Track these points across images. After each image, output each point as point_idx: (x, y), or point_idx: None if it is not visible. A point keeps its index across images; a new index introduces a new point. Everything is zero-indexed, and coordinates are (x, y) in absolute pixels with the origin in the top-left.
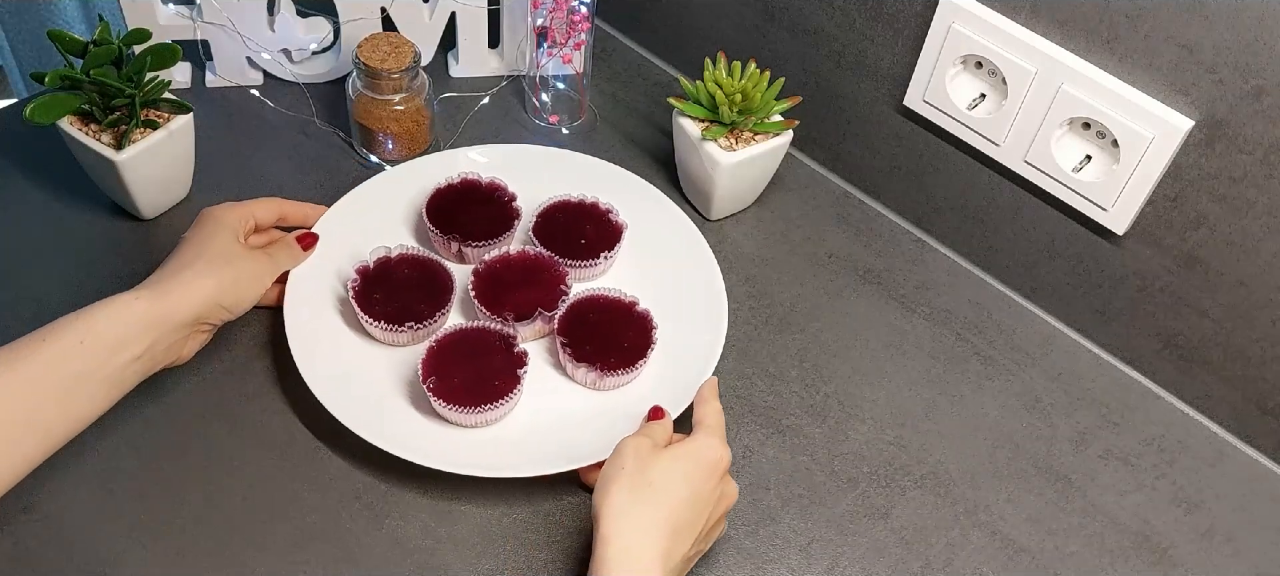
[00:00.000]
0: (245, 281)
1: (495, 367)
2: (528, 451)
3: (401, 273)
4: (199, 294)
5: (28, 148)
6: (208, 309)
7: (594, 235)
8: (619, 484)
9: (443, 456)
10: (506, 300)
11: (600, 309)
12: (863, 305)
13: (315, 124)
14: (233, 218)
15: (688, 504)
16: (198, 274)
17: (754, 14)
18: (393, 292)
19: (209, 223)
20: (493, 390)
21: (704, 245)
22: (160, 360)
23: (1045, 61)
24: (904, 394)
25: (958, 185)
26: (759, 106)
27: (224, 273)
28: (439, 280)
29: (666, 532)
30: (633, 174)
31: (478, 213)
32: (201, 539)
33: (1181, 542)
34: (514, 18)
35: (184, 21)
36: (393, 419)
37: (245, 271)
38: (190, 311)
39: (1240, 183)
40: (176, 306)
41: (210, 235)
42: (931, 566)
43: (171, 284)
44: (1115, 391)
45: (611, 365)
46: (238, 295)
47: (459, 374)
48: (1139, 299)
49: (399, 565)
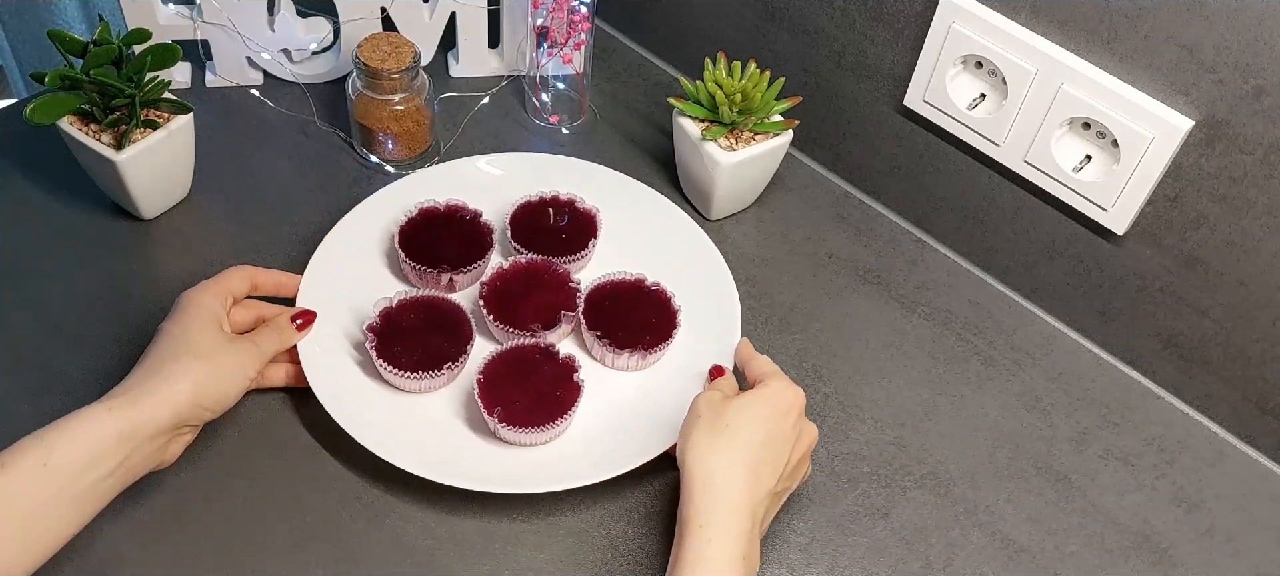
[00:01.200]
0: (227, 376)
1: (550, 380)
2: (592, 456)
3: (410, 319)
4: (175, 397)
5: (28, 148)
6: (187, 411)
7: (571, 227)
8: (698, 430)
9: (507, 480)
10: (522, 312)
11: (615, 294)
12: (863, 305)
13: (315, 124)
14: (210, 299)
15: (765, 443)
16: (173, 375)
17: (754, 14)
18: (412, 341)
19: (186, 311)
20: (557, 402)
21: (709, 243)
22: (139, 470)
23: (1045, 61)
24: (904, 394)
25: (958, 185)
26: (759, 106)
27: (202, 370)
28: (450, 315)
29: (747, 469)
30: (633, 178)
31: (450, 238)
32: (202, 539)
33: (1181, 542)
34: (514, 18)
35: (184, 21)
36: (411, 432)
37: (226, 365)
38: (167, 418)
39: (1240, 183)
40: (151, 415)
41: (187, 327)
42: (931, 566)
43: (145, 388)
44: (1115, 391)
45: (649, 342)
46: (220, 392)
47: (518, 397)
48: (1139, 299)
49: (399, 565)
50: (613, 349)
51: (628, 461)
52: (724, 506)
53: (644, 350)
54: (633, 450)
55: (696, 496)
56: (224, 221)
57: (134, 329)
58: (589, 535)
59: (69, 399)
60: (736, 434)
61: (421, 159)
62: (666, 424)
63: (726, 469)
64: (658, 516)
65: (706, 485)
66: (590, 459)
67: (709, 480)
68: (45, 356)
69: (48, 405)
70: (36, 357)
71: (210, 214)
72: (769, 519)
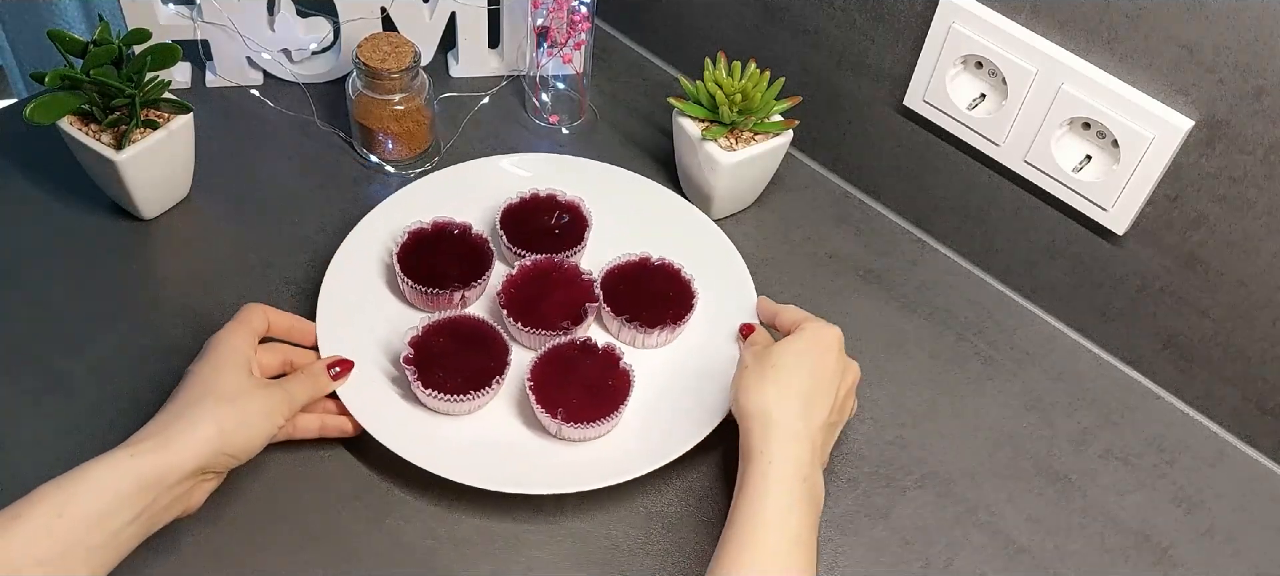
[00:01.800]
0: (254, 421)
1: (598, 372)
2: (550, 469)
3: (439, 343)
4: (200, 442)
5: (28, 148)
6: (210, 457)
7: (560, 220)
8: (747, 376)
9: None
10: (546, 313)
11: (627, 276)
12: (863, 305)
13: (315, 124)
14: (239, 341)
15: (812, 376)
16: (197, 419)
17: (754, 14)
18: (451, 365)
19: (215, 353)
20: (611, 392)
21: (721, 235)
22: (162, 518)
23: (1045, 61)
24: (904, 394)
25: (958, 185)
26: (759, 106)
27: (229, 414)
28: (480, 331)
29: (801, 400)
30: (637, 174)
31: (450, 254)
32: (202, 539)
33: (1181, 542)
34: (514, 18)
35: (184, 21)
36: (415, 426)
37: (254, 409)
38: (190, 463)
39: (1240, 183)
40: (174, 461)
41: (217, 368)
42: (931, 566)
43: (169, 433)
44: (1115, 391)
45: (673, 316)
46: (246, 438)
47: (573, 396)
48: (1139, 299)
49: (399, 565)
50: (643, 329)
51: (650, 461)
52: (781, 433)
53: (672, 324)
54: (653, 449)
55: (755, 430)
56: (224, 221)
57: (134, 329)
58: (590, 535)
59: (69, 399)
60: (787, 371)
61: (421, 159)
62: (679, 426)
63: (779, 400)
64: (658, 518)
65: (764, 419)
66: (614, 458)
67: (766, 414)
68: (45, 356)
69: (48, 405)
70: (36, 357)
71: (210, 214)
72: (827, 450)
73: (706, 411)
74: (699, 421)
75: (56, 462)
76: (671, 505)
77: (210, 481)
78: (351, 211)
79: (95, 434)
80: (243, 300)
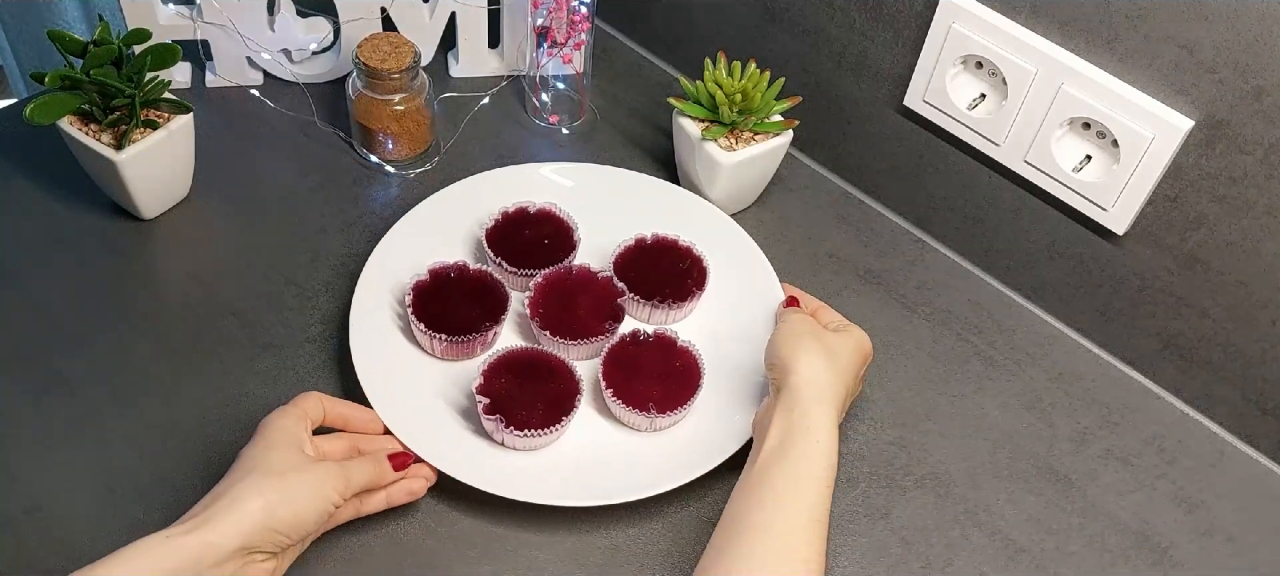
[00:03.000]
0: (303, 497)
1: (661, 360)
2: (562, 480)
3: (501, 384)
4: (243, 518)
5: (28, 148)
6: (256, 534)
7: (547, 231)
8: (808, 345)
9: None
10: (582, 321)
11: (632, 263)
12: (863, 305)
13: (315, 124)
14: (291, 422)
15: (851, 370)
16: (241, 495)
17: (754, 14)
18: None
19: (265, 433)
20: (684, 373)
21: (734, 226)
22: None
23: (1045, 61)
24: (904, 394)
25: (958, 185)
26: (759, 106)
27: (274, 487)
28: (538, 361)
29: (844, 393)
30: (654, 177)
31: (462, 296)
32: None
33: (1181, 542)
34: (514, 18)
35: (184, 21)
36: (431, 428)
37: (303, 485)
38: (232, 540)
39: (1240, 183)
40: (214, 538)
41: (266, 448)
42: (931, 566)
43: (211, 512)
44: (1115, 391)
45: (695, 282)
46: (293, 513)
47: (650, 389)
48: (1139, 299)
49: (399, 565)
50: (674, 305)
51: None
52: (830, 416)
53: (697, 292)
54: (662, 471)
55: (804, 396)
56: (224, 221)
57: (134, 329)
58: (589, 536)
59: (69, 399)
60: (842, 361)
61: (421, 159)
62: (677, 457)
63: (832, 382)
64: (658, 518)
65: (818, 394)
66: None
67: (821, 390)
68: (45, 356)
69: (48, 405)
70: (36, 358)
71: (210, 214)
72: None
73: (725, 435)
74: (718, 445)
75: (56, 463)
76: (672, 507)
77: (263, 564)
78: (351, 212)
79: (95, 433)
80: (243, 300)
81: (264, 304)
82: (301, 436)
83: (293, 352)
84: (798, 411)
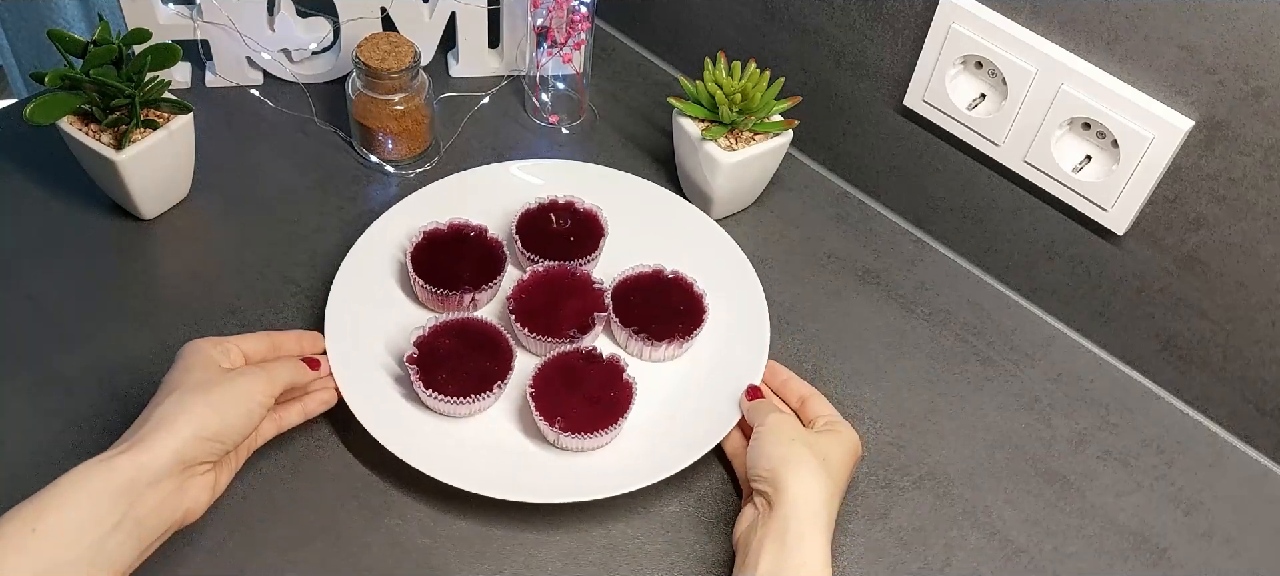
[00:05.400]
0: (229, 403)
1: (600, 383)
2: (552, 476)
3: (446, 344)
4: (172, 433)
5: (28, 148)
6: (189, 447)
7: (576, 228)
8: (800, 457)
9: (472, 476)
10: (555, 320)
11: (639, 288)
12: (862, 305)
13: (315, 124)
14: (207, 346)
15: (845, 478)
16: (167, 414)
17: (754, 14)
18: (455, 365)
19: (182, 358)
20: (613, 404)
21: (726, 238)
22: (152, 526)
23: (1045, 61)
24: (903, 394)
25: (957, 185)
26: (759, 106)
27: (198, 401)
28: (487, 335)
29: (837, 499)
30: (640, 177)
31: (463, 257)
32: (200, 537)
33: (1180, 543)
34: (514, 18)
35: (184, 21)
36: (416, 428)
37: (228, 392)
38: (165, 456)
39: (1240, 184)
40: (147, 457)
41: (186, 368)
42: (930, 567)
43: (142, 432)
44: (1115, 392)
45: (682, 330)
46: (222, 421)
47: (574, 405)
48: (1138, 299)
49: (397, 564)
50: (650, 342)
51: (655, 472)
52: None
53: (681, 338)
54: (662, 459)
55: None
56: (224, 221)
57: (134, 329)
58: (588, 536)
59: (68, 398)
60: (836, 471)
61: (421, 159)
62: (687, 439)
63: (828, 503)
64: (657, 518)
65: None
66: (621, 466)
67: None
68: (45, 356)
69: (48, 405)
70: (36, 358)
71: (210, 214)
72: None
73: (711, 425)
74: (703, 435)
75: (56, 462)
76: (670, 506)
77: (202, 475)
78: (351, 211)
79: (94, 433)
80: (243, 299)
81: (263, 303)
82: (217, 357)
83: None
84: (791, 539)
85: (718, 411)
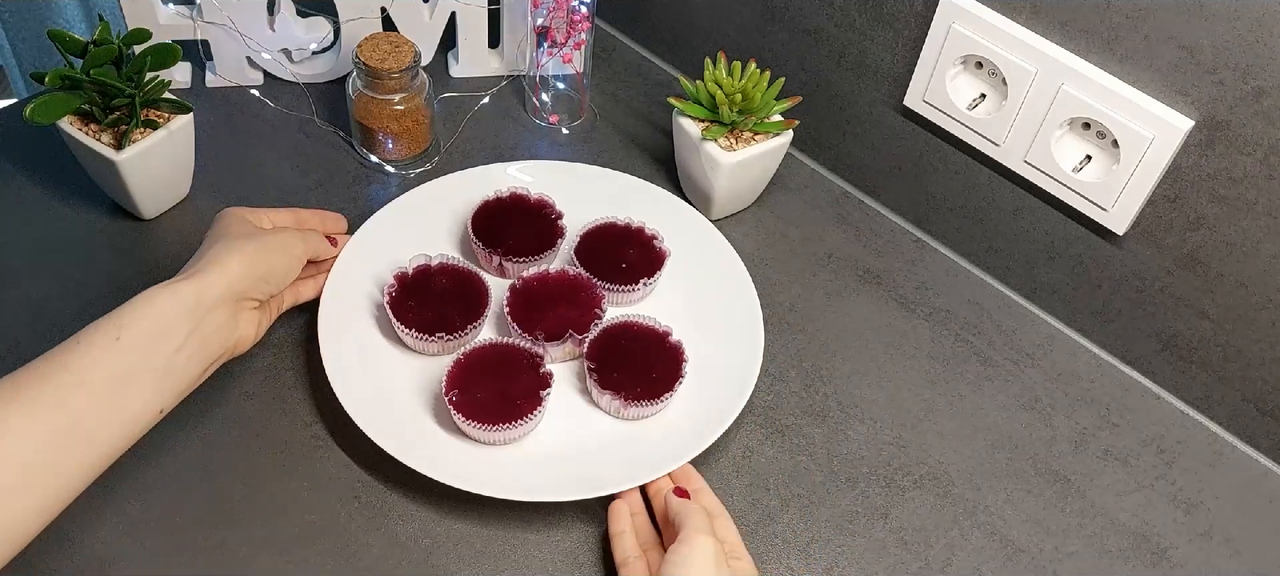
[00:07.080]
0: (274, 251)
1: (520, 387)
2: (549, 475)
3: (439, 283)
4: (226, 269)
5: (28, 148)
6: (241, 281)
7: (636, 259)
8: None
9: (468, 475)
10: (540, 319)
11: (633, 336)
12: (862, 305)
13: (315, 124)
14: (243, 211)
15: None
16: (219, 254)
17: (754, 14)
18: (428, 302)
19: (224, 217)
20: (515, 409)
21: (739, 265)
22: (213, 347)
23: (1045, 61)
24: (903, 394)
25: (958, 185)
26: (759, 106)
27: (247, 248)
28: (475, 293)
29: None
30: (675, 196)
31: (523, 228)
32: (201, 537)
33: (1181, 543)
34: (514, 18)
35: (184, 21)
36: (414, 430)
37: (271, 242)
38: (223, 285)
39: (1240, 183)
40: (208, 284)
41: (226, 225)
42: (930, 566)
43: (196, 268)
44: (1115, 391)
45: (637, 395)
46: (269, 264)
47: (484, 390)
48: (1139, 299)
49: (397, 564)
50: (597, 385)
51: (610, 487)
52: None
53: (625, 399)
54: (660, 459)
55: None
56: None
57: None
58: (587, 536)
59: None
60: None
61: (421, 158)
62: (683, 439)
63: None
64: None
65: None
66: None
67: None
68: None
69: None
70: (36, 357)
71: (210, 214)
72: None
73: (707, 425)
74: (698, 436)
75: None
76: None
77: (251, 310)
78: (351, 211)
79: None
80: None
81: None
82: (253, 220)
83: (291, 351)
84: None
85: (713, 411)
